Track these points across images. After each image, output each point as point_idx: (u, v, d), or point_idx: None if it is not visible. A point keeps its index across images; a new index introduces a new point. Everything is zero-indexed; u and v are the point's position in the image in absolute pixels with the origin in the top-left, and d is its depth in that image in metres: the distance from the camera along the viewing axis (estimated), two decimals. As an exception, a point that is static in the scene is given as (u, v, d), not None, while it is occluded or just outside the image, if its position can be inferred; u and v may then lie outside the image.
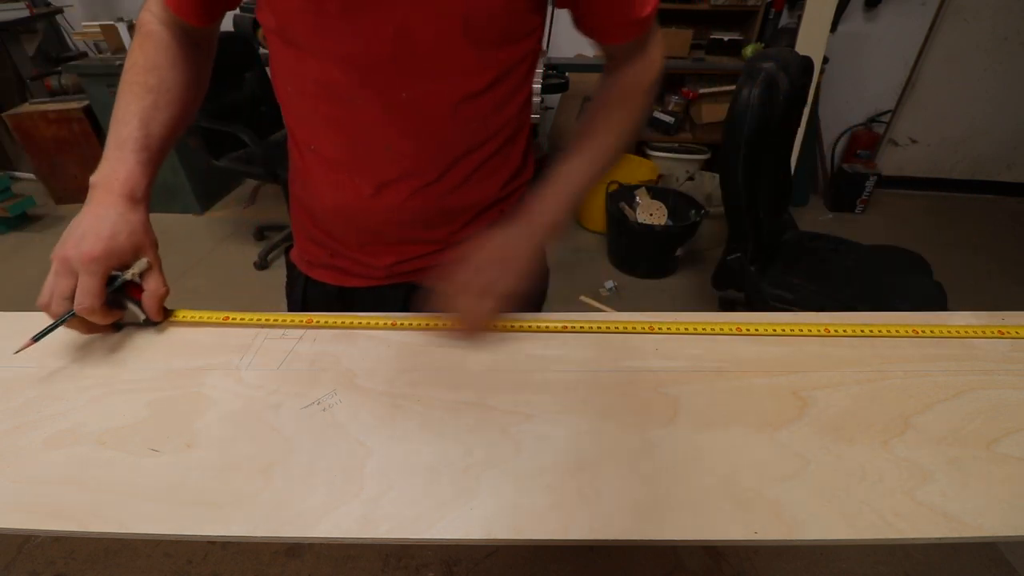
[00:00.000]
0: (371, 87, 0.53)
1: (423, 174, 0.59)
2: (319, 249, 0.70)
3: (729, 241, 1.50)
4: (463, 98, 0.55)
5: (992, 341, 0.53)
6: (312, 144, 0.61)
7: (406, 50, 0.51)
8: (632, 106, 0.61)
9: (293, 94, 0.58)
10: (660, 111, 2.77)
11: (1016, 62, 2.68)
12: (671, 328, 0.54)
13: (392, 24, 0.49)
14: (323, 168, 0.62)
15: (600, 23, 0.56)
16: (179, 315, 0.54)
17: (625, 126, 0.61)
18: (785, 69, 1.25)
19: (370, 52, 0.51)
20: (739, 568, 1.15)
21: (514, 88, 0.58)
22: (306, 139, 0.61)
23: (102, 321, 0.48)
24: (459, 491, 0.38)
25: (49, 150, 2.62)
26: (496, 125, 0.59)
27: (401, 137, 0.56)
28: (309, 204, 0.67)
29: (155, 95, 0.54)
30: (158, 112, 0.54)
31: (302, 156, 0.63)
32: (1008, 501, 0.37)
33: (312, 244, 0.70)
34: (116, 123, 0.53)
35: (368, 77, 0.53)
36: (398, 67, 0.52)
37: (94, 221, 0.49)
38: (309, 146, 0.61)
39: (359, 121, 0.56)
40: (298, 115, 0.60)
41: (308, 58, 0.53)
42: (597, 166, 0.60)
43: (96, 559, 1.14)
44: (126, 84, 0.54)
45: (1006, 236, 2.67)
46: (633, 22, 0.55)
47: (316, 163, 0.62)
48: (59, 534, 0.36)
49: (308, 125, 0.60)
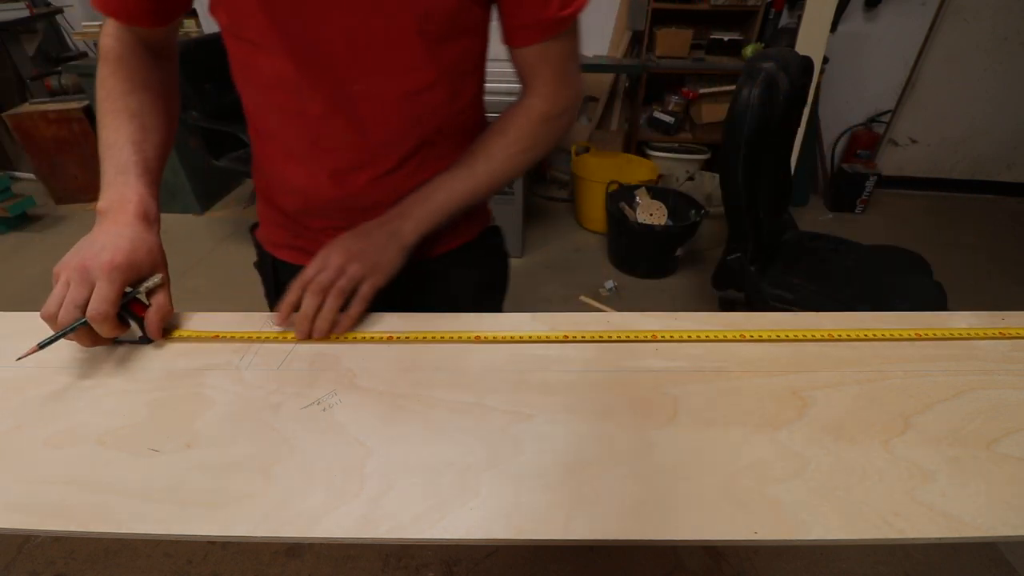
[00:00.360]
0: (324, 81, 0.54)
1: (379, 163, 0.60)
2: (283, 231, 0.70)
3: (729, 241, 1.50)
4: (414, 91, 0.56)
5: (992, 341, 0.53)
6: (270, 133, 0.62)
7: (359, 45, 0.52)
8: (532, 142, 0.61)
9: (249, 86, 0.59)
10: (660, 111, 2.77)
11: (1016, 62, 2.68)
12: (673, 336, 0.54)
13: (346, 21, 0.50)
14: (282, 156, 0.63)
15: (510, 22, 0.55)
16: (176, 334, 0.53)
17: (517, 158, 0.61)
18: (785, 69, 1.25)
19: (322, 48, 0.52)
20: (739, 568, 1.15)
21: (464, 80, 0.59)
22: (264, 128, 0.62)
23: (110, 333, 0.47)
24: (459, 491, 0.38)
25: (49, 150, 2.62)
26: (448, 116, 0.60)
27: (354, 129, 0.57)
28: (270, 190, 0.68)
29: (140, 118, 0.55)
30: (148, 135, 0.55)
31: (262, 144, 0.64)
32: (1008, 501, 0.37)
33: (275, 227, 0.71)
34: (109, 149, 0.53)
35: (320, 71, 0.53)
36: (350, 62, 0.53)
37: (113, 236, 0.49)
38: (267, 135, 0.62)
39: (313, 113, 0.56)
40: (255, 105, 0.61)
41: (261, 53, 0.54)
42: (477, 187, 0.60)
43: (96, 559, 1.14)
44: (108, 112, 0.55)
45: (1006, 236, 2.67)
46: (544, 23, 0.53)
47: (275, 151, 0.63)
48: (59, 534, 0.36)
49: (264, 115, 0.61)
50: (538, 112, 0.60)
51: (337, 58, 0.53)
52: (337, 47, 0.52)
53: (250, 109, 0.62)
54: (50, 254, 2.34)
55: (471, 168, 0.60)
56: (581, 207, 2.63)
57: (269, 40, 0.52)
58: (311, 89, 0.55)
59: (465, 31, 0.55)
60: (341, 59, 0.53)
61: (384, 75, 0.54)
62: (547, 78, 0.58)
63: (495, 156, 0.61)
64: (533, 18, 0.53)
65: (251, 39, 0.53)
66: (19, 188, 2.71)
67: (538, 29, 0.54)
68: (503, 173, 0.61)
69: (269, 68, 0.54)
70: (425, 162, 0.62)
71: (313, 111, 0.56)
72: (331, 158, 0.60)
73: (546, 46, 0.56)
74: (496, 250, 0.80)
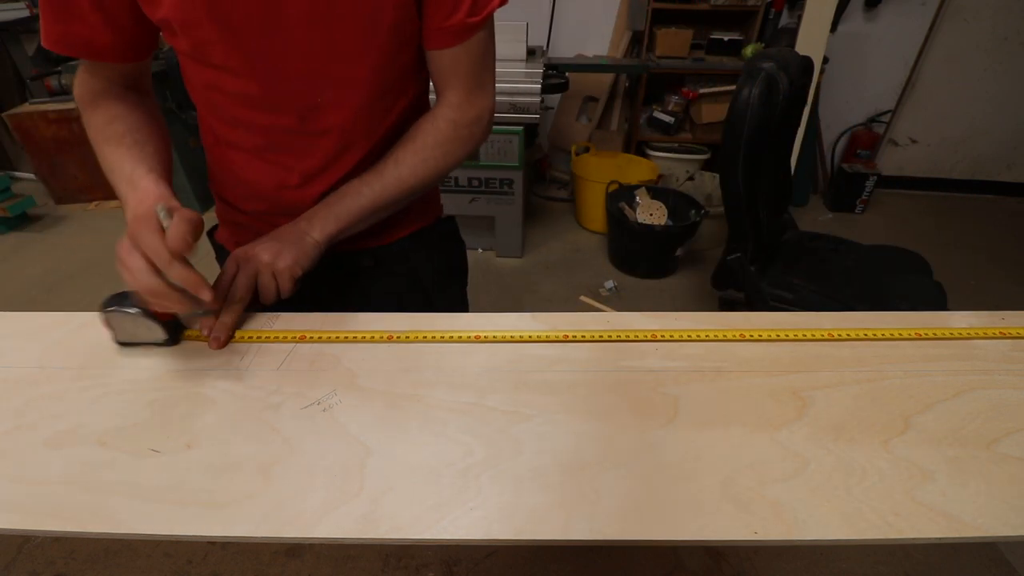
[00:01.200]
0: (290, 96, 0.56)
1: (345, 163, 0.63)
2: (247, 232, 0.70)
3: (729, 241, 1.50)
4: (377, 96, 0.59)
5: (992, 341, 0.53)
6: (233, 143, 0.63)
7: (324, 60, 0.54)
8: (441, 150, 0.62)
9: (208, 99, 0.59)
10: (660, 111, 2.77)
11: (1016, 62, 2.68)
12: (673, 336, 0.54)
13: (309, 39, 0.52)
14: (246, 164, 0.64)
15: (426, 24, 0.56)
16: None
17: (427, 164, 0.62)
18: (785, 69, 1.24)
19: (288, 66, 0.54)
20: (739, 568, 1.15)
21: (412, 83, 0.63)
22: (226, 138, 0.63)
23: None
24: (459, 491, 0.38)
25: (49, 150, 2.62)
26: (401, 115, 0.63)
27: (321, 136, 0.60)
28: (232, 196, 0.69)
29: (131, 135, 0.56)
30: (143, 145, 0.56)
31: (221, 152, 0.65)
32: (1008, 501, 0.37)
33: (238, 228, 0.72)
34: (114, 173, 0.54)
35: (287, 88, 0.55)
36: (316, 77, 0.55)
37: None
38: (229, 144, 0.63)
39: (280, 125, 0.58)
40: (216, 119, 0.62)
41: (226, 76, 0.55)
42: (384, 192, 0.61)
43: (96, 559, 1.14)
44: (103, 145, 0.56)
45: (1006, 236, 2.67)
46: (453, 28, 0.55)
47: (238, 160, 0.64)
48: (59, 534, 0.36)
49: (226, 128, 0.62)
50: (447, 120, 0.62)
51: (303, 74, 0.54)
52: (302, 64, 0.54)
53: (209, 122, 0.63)
54: (50, 254, 2.34)
55: (380, 175, 0.62)
56: (581, 207, 2.63)
57: (234, 63, 0.53)
58: (278, 105, 0.57)
59: (410, 39, 0.57)
60: (307, 75, 0.54)
61: (348, 86, 0.57)
62: (457, 86, 0.60)
63: (404, 162, 0.62)
64: (443, 22, 0.55)
65: (215, 63, 0.54)
66: (19, 188, 2.71)
67: (449, 33, 0.56)
68: (413, 179, 0.62)
69: (234, 88, 0.56)
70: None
71: (281, 124, 0.58)
72: (300, 164, 0.62)
73: (456, 52, 0.57)
74: (452, 236, 0.84)
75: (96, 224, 2.59)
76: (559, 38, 2.75)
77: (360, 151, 0.63)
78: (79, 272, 2.22)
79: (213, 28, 0.50)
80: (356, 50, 0.54)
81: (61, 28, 0.51)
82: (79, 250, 2.37)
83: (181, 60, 0.57)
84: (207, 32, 0.50)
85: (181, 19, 0.50)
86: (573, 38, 2.75)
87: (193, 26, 0.50)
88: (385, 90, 0.60)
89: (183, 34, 0.51)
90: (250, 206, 0.69)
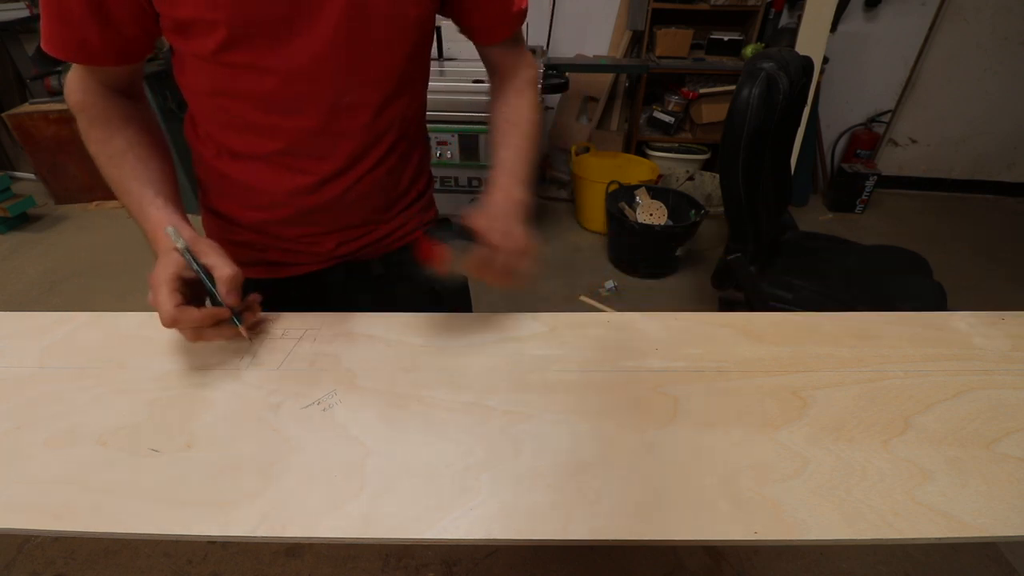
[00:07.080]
0: (319, 96, 0.55)
1: (362, 165, 0.63)
2: (247, 250, 0.69)
3: (729, 241, 1.49)
4: (393, 95, 0.60)
5: (992, 341, 0.53)
6: (244, 153, 0.61)
7: (358, 55, 0.54)
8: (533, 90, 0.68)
9: (215, 106, 0.58)
10: (660, 111, 2.77)
11: (1016, 62, 2.68)
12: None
13: (348, 34, 0.51)
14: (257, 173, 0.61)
15: (482, 23, 0.62)
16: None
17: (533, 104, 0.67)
18: (785, 69, 1.24)
19: (318, 65, 0.53)
20: (739, 568, 1.15)
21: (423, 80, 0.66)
22: (232, 145, 0.61)
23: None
24: (459, 491, 0.38)
25: (49, 150, 2.62)
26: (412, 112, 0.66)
27: (340, 137, 0.59)
28: (232, 211, 0.67)
29: (133, 151, 0.56)
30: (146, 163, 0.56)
31: (224, 162, 0.63)
32: (1008, 501, 0.37)
33: (237, 247, 0.69)
34: (121, 195, 0.55)
35: (317, 87, 0.54)
36: (346, 75, 0.55)
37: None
38: (235, 151, 0.61)
39: (304, 127, 0.57)
40: (223, 123, 0.59)
41: (245, 76, 0.53)
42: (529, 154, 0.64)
43: (96, 559, 1.14)
44: (105, 162, 0.56)
45: (1006, 236, 2.66)
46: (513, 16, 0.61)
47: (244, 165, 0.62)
48: (59, 534, 0.36)
49: (235, 134, 0.60)
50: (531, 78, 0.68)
51: (332, 72, 0.54)
52: (333, 62, 0.53)
53: (211, 133, 0.61)
54: (50, 254, 2.34)
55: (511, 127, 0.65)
56: (581, 207, 2.63)
57: (261, 62, 0.51)
58: (301, 108, 0.55)
59: (430, 33, 0.61)
60: (336, 73, 0.54)
61: (371, 86, 0.57)
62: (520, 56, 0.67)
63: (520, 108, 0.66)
64: (504, 16, 0.61)
65: (237, 64, 0.52)
66: (19, 188, 2.71)
67: (508, 25, 0.62)
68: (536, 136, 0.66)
69: (254, 90, 0.54)
70: (398, 155, 0.66)
71: (303, 126, 0.57)
72: (320, 167, 0.61)
73: (517, 35, 0.65)
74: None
75: (96, 224, 2.59)
76: (559, 38, 2.74)
77: (380, 149, 0.63)
78: (79, 272, 2.22)
79: (240, 25, 0.49)
80: (386, 46, 0.55)
81: (57, 30, 0.50)
82: (79, 250, 2.37)
83: (188, 66, 0.55)
84: (234, 30, 0.49)
85: (208, 18, 0.48)
86: (573, 38, 2.74)
87: (219, 24, 0.48)
88: (404, 87, 0.60)
89: (206, 34, 0.49)
90: (251, 217, 0.66)
